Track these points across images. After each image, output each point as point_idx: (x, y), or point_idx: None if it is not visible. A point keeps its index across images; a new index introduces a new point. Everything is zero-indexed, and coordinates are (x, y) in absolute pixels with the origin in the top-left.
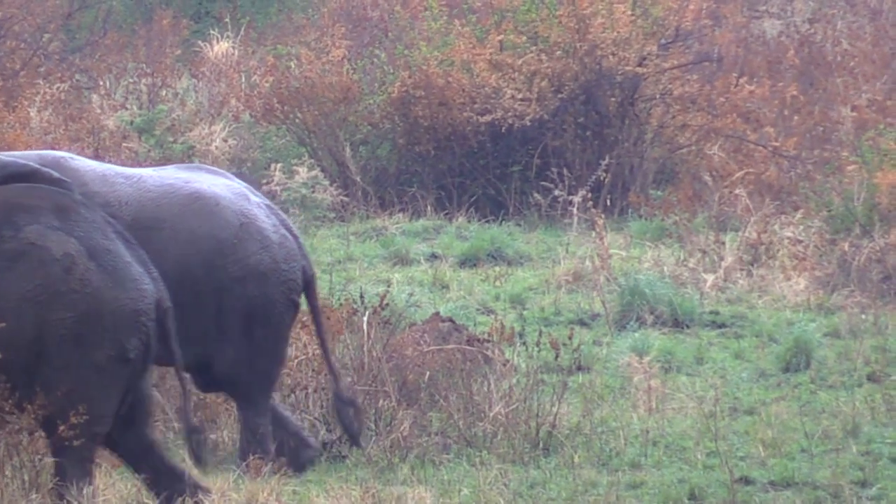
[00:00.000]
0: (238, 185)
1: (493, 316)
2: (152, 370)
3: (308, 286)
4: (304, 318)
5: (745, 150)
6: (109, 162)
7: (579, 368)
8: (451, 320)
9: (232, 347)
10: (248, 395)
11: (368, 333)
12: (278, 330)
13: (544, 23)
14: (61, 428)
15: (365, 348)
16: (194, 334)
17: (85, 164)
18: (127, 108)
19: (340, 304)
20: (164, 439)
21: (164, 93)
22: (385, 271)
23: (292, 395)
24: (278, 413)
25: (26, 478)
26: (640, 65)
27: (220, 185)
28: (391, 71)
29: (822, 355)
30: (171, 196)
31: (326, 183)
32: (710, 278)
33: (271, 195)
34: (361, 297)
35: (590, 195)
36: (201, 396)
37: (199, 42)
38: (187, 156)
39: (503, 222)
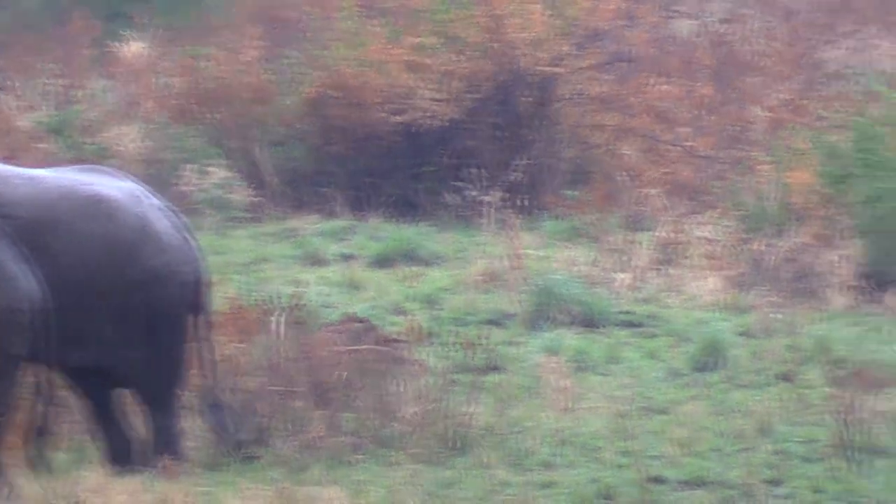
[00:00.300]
0: (136, 187)
1: (406, 316)
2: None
3: (203, 287)
4: (219, 319)
5: (659, 150)
6: (20, 163)
7: (492, 368)
8: (364, 320)
9: (135, 350)
10: (155, 396)
11: (282, 334)
12: (180, 331)
13: (459, 23)
14: None
15: (278, 349)
16: (96, 337)
17: None
18: (40, 109)
19: (254, 305)
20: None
21: (77, 93)
22: (299, 272)
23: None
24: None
25: None
26: (555, 65)
27: (119, 187)
28: (306, 71)
29: (735, 354)
30: (69, 198)
31: (240, 183)
32: (623, 278)
33: (184, 196)
34: (275, 297)
35: (504, 195)
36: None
37: (113, 43)
38: (101, 157)
39: (417, 222)
